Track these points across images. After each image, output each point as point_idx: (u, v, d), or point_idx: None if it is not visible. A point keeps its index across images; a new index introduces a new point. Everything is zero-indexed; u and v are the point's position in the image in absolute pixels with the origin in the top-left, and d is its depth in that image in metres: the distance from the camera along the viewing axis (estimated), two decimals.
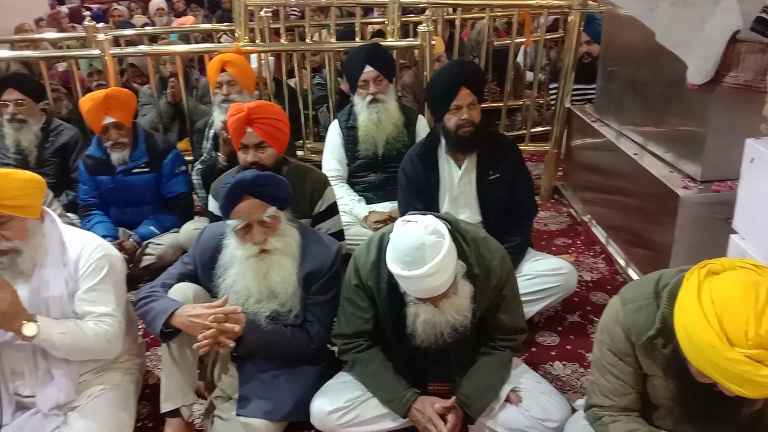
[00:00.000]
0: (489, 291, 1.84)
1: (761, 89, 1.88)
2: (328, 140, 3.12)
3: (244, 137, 2.26)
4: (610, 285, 2.85)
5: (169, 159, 3.10)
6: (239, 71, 3.05)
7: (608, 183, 3.17)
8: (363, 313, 1.91)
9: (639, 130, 2.91)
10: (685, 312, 1.28)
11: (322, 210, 2.45)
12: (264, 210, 1.86)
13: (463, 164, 2.52)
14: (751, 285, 1.21)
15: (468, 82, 2.40)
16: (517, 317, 1.94)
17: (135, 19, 6.94)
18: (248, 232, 1.88)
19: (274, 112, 2.30)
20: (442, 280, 1.64)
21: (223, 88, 3.04)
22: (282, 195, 1.92)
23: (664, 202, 2.51)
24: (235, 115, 2.25)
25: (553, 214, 3.61)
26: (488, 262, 1.84)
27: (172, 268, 2.19)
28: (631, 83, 2.96)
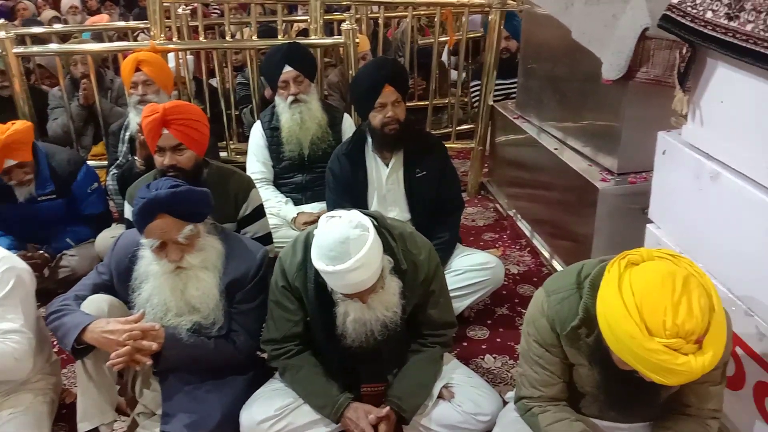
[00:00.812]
0: (417, 286, 1.83)
1: (670, 84, 1.95)
2: (251, 142, 3.03)
3: (160, 139, 2.15)
4: (536, 277, 2.91)
5: (79, 180, 2.84)
6: (155, 70, 2.91)
7: (531, 178, 3.24)
8: (292, 315, 1.86)
9: (559, 125, 2.99)
10: (607, 303, 1.31)
11: (247, 213, 2.38)
12: (180, 229, 1.76)
13: (390, 162, 2.51)
14: (668, 275, 1.25)
15: (392, 79, 2.39)
16: (446, 312, 1.94)
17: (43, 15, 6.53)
18: (163, 249, 1.79)
19: (192, 112, 2.20)
20: (368, 274, 1.62)
21: (139, 88, 2.89)
22: (201, 210, 1.83)
23: (584, 195, 2.58)
24: (149, 116, 2.13)
25: (480, 210, 3.66)
26: (415, 257, 1.83)
27: (86, 278, 2.06)
28: (550, 80, 3.04)
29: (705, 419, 1.50)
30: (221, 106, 3.70)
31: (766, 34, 1.40)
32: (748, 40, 1.46)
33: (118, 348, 1.72)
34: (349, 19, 3.27)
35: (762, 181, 1.57)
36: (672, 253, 1.35)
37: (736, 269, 1.67)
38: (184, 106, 2.21)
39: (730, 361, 1.64)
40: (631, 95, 2.37)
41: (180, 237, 1.76)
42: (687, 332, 1.21)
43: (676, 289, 1.23)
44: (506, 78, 3.90)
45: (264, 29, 4.15)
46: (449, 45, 4.52)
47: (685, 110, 1.86)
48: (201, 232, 1.83)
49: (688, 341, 1.21)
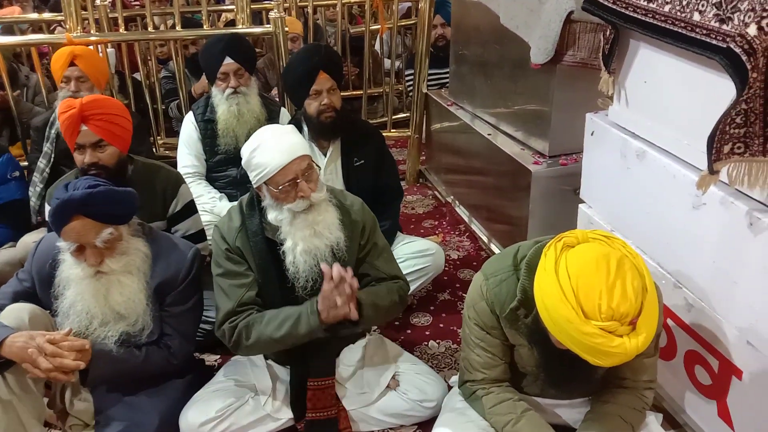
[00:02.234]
0: (355, 235, 1.85)
1: (596, 66, 2.00)
2: (182, 135, 2.91)
3: (78, 136, 2.03)
4: (476, 261, 2.94)
5: (0, 163, 2.75)
6: (90, 66, 2.76)
7: (467, 164, 3.27)
8: (243, 278, 1.81)
9: (491, 111, 3.03)
10: (544, 288, 1.32)
11: (177, 210, 2.29)
12: (98, 232, 1.66)
13: (327, 152, 2.48)
14: (602, 258, 1.27)
15: (326, 66, 2.35)
16: (393, 265, 1.95)
17: None
18: (82, 252, 1.69)
19: (112, 106, 2.09)
20: (299, 139, 1.75)
21: (72, 84, 2.73)
22: (122, 211, 1.73)
23: (517, 179, 2.63)
24: (66, 112, 2.01)
25: (419, 197, 3.67)
26: (349, 207, 1.87)
27: (6, 286, 1.94)
28: (481, 66, 3.06)
29: (641, 390, 1.55)
30: (146, 100, 3.54)
31: (683, 14, 1.44)
32: (666, 20, 1.50)
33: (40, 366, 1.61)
34: (276, 7, 3.18)
35: (684, 157, 1.63)
36: (606, 234, 1.37)
37: (664, 244, 1.73)
38: (103, 100, 2.10)
39: (662, 333, 1.71)
40: (560, 79, 2.42)
41: (97, 241, 1.66)
42: (621, 315, 1.23)
43: (610, 272, 1.25)
44: (442, 67, 3.91)
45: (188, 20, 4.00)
46: (380, 33, 4.49)
47: (611, 91, 1.91)
48: (123, 234, 1.74)
49: (623, 323, 1.23)
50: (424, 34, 3.55)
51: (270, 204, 1.77)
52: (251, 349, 1.81)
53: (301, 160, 1.72)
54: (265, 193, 1.77)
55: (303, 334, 1.74)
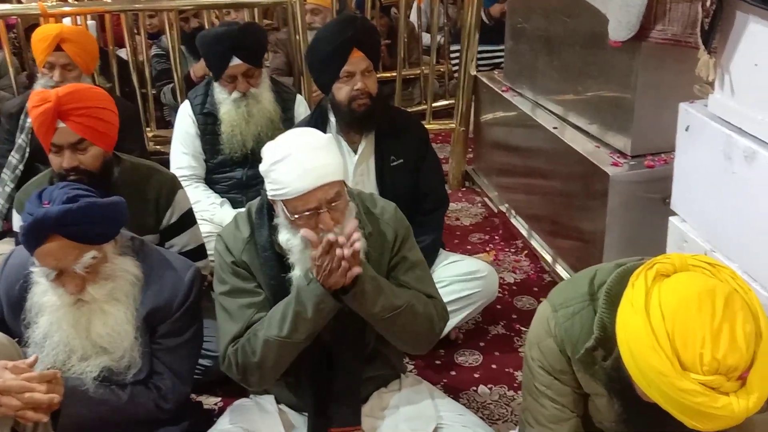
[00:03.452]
0: (385, 254, 1.86)
1: (692, 44, 1.99)
2: (177, 129, 2.98)
3: (55, 135, 2.05)
4: (537, 287, 2.94)
5: None
6: (80, 50, 2.82)
7: (526, 164, 3.27)
8: (252, 296, 1.83)
9: (557, 99, 3.02)
10: (630, 328, 1.30)
11: (172, 222, 2.33)
12: (78, 256, 1.69)
13: (359, 147, 2.51)
14: (706, 294, 1.25)
15: (361, 42, 2.37)
16: (427, 284, 1.93)
17: None
18: (60, 277, 1.73)
19: (95, 98, 2.12)
20: (333, 159, 1.70)
21: (56, 72, 2.80)
22: (107, 228, 1.76)
23: (591, 183, 2.62)
24: (39, 106, 2.03)
25: (465, 206, 3.68)
26: (379, 217, 1.87)
27: None
28: (545, 43, 3.07)
29: None
30: (134, 83, 3.62)
31: None
32: None
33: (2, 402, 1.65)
34: None
35: None
36: (710, 261, 1.35)
37: None
38: (83, 90, 2.12)
39: None
40: (645, 59, 2.40)
41: (77, 267, 1.70)
42: (729, 368, 1.20)
43: (716, 312, 1.23)
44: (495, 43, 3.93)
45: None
46: (419, 1, 4.54)
47: (712, 76, 1.89)
48: (108, 254, 1.77)
49: (730, 378, 1.21)
50: (473, 3, 3.57)
51: (283, 224, 1.78)
52: (264, 368, 1.81)
53: (329, 187, 1.70)
54: (279, 212, 1.78)
55: (312, 315, 1.72)
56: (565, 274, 2.87)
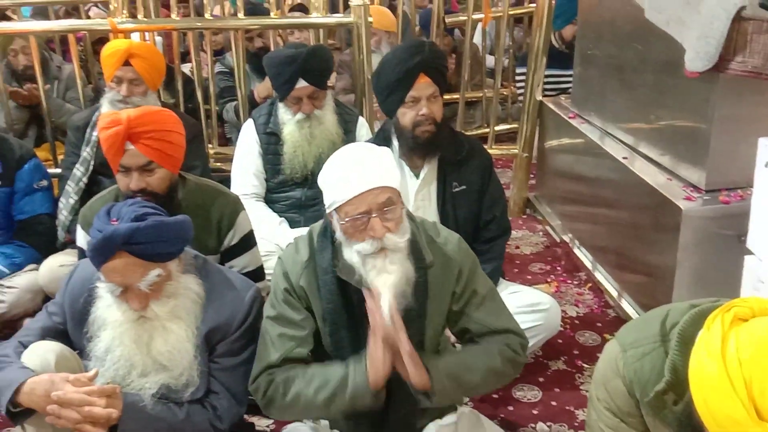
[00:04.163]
0: (449, 285, 1.87)
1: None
2: (240, 147, 3.06)
3: (123, 157, 2.14)
4: (600, 321, 2.90)
5: (27, 169, 2.98)
6: (148, 66, 2.94)
7: (593, 193, 3.24)
8: (296, 330, 1.86)
9: (628, 128, 3.00)
10: (704, 372, 1.29)
11: (233, 244, 2.40)
12: (143, 273, 1.76)
13: (421, 172, 2.54)
14: None
15: (428, 68, 2.41)
16: (502, 316, 1.93)
17: None
18: (124, 294, 1.80)
19: (164, 121, 2.20)
20: (385, 166, 1.77)
21: (123, 87, 2.91)
22: (173, 246, 1.83)
23: (662, 217, 2.58)
24: (109, 128, 2.12)
25: (527, 234, 3.66)
26: (442, 247, 1.89)
27: (34, 320, 2.07)
28: (616, 70, 3.05)
29: None
30: (198, 100, 3.73)
31: None
32: None
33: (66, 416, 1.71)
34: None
35: None
36: None
37: None
38: (153, 113, 2.20)
39: None
40: (724, 91, 2.38)
41: (142, 284, 1.76)
42: None
43: None
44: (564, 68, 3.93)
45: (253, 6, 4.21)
46: (484, 24, 4.56)
47: None
48: (172, 273, 1.84)
49: None
50: (542, 26, 3.58)
51: (342, 239, 1.82)
52: (286, 410, 1.85)
53: (380, 191, 1.75)
54: (336, 224, 1.83)
55: (349, 399, 1.76)
56: (631, 309, 2.83)
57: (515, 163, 3.88)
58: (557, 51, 4.08)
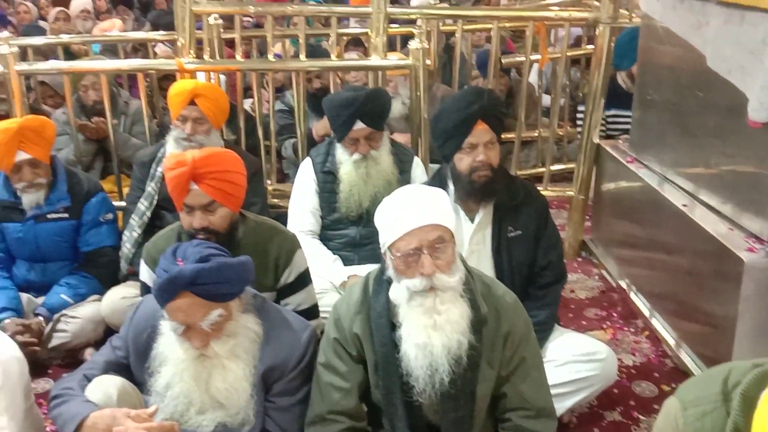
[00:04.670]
0: (498, 340, 1.87)
1: None
2: (298, 185, 3.13)
3: (188, 196, 2.23)
4: (658, 372, 2.84)
5: (94, 203, 3.10)
6: (212, 106, 3.04)
7: (651, 239, 3.20)
8: (343, 380, 1.90)
9: (688, 174, 2.96)
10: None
11: (289, 281, 2.45)
12: (205, 313, 1.82)
13: (476, 217, 2.56)
14: None
15: (486, 115, 2.44)
16: (541, 392, 1.95)
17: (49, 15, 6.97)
18: (186, 332, 1.86)
19: (226, 162, 2.28)
20: (438, 204, 1.84)
21: (188, 125, 3.01)
22: (234, 287, 1.89)
23: (723, 267, 2.54)
24: (175, 169, 2.21)
25: (582, 277, 3.62)
26: (498, 301, 1.90)
27: (99, 354, 2.16)
28: (676, 116, 3.03)
29: None
30: (258, 136, 3.82)
31: None
32: None
33: None
34: (418, 35, 3.36)
35: None
36: None
37: None
38: (216, 155, 2.29)
39: None
40: None
41: (204, 324, 1.82)
42: None
43: None
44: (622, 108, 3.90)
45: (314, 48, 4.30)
46: (540, 65, 4.58)
47: None
48: (233, 312, 1.89)
49: None
50: (600, 67, 3.58)
51: (393, 275, 1.86)
52: None
53: (432, 229, 1.80)
54: (389, 262, 1.86)
55: None
56: (690, 360, 2.77)
57: (571, 204, 3.85)
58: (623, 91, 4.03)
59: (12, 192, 2.99)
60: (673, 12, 2.92)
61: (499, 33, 4.28)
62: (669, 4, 2.95)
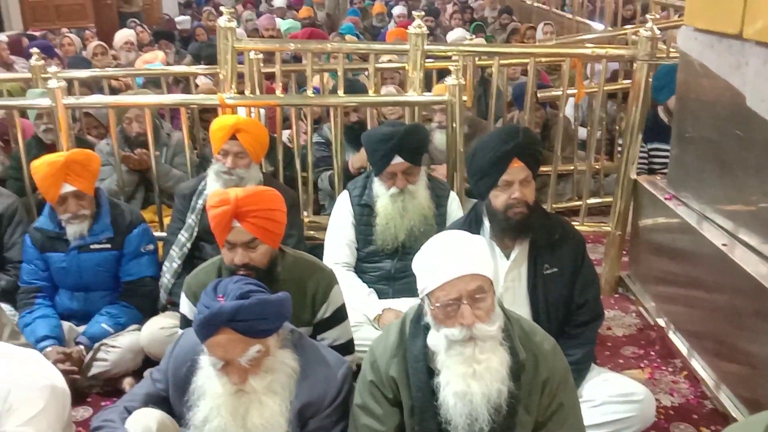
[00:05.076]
0: (537, 387, 1.86)
1: None
2: (335, 218, 3.16)
3: (230, 234, 2.28)
4: (697, 414, 2.79)
5: (135, 234, 3.18)
6: (253, 141, 3.10)
7: (689, 277, 3.16)
8: (379, 423, 1.91)
9: (727, 212, 2.93)
10: None
11: (326, 317, 2.47)
12: (244, 349, 1.86)
13: (512, 253, 2.56)
14: None
15: (522, 153, 2.45)
16: None
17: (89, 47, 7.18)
18: (225, 368, 1.89)
19: (268, 200, 2.33)
20: (477, 253, 1.83)
21: (229, 159, 3.06)
22: (273, 324, 1.92)
23: (763, 308, 2.50)
24: (218, 207, 2.26)
25: (619, 314, 3.58)
26: (537, 347, 1.90)
27: (139, 386, 2.21)
28: (715, 154, 3.00)
29: None
30: (296, 169, 3.87)
31: None
32: None
33: None
34: (455, 72, 3.39)
35: None
36: None
37: None
38: (258, 194, 2.34)
39: None
40: None
41: (243, 360, 1.85)
42: None
43: None
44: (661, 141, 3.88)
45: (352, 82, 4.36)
46: (577, 99, 4.58)
47: None
48: (271, 348, 1.92)
49: None
50: (638, 102, 3.57)
51: (431, 323, 1.86)
52: None
53: (471, 279, 1.80)
54: (427, 309, 1.87)
55: None
56: (729, 403, 2.71)
57: (608, 240, 3.82)
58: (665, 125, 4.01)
59: (57, 223, 3.08)
60: (711, 50, 2.91)
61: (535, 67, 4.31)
62: (707, 43, 2.94)
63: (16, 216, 3.40)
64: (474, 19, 10.23)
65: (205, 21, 10.02)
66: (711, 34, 2.92)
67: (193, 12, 12.30)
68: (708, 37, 2.94)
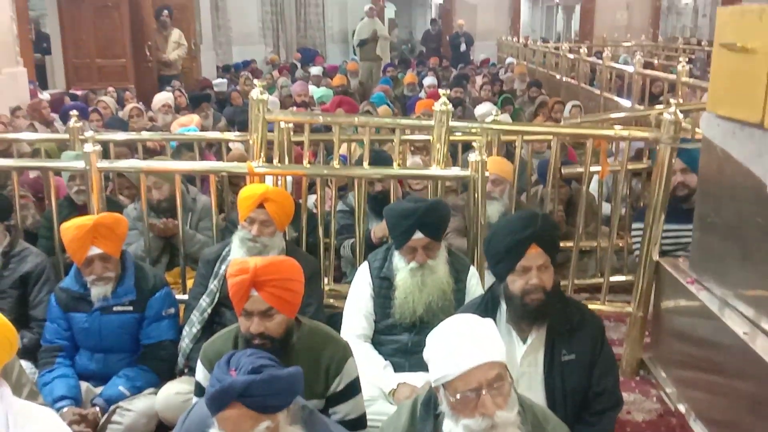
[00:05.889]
0: None
1: None
2: (354, 289, 3.17)
3: (248, 302, 2.31)
4: None
5: (158, 297, 3.21)
6: (279, 210, 3.14)
7: (711, 363, 3.09)
8: None
9: (749, 299, 2.88)
10: None
11: (339, 390, 2.46)
12: (254, 425, 1.85)
13: (528, 338, 2.53)
14: None
15: (540, 238, 2.44)
16: None
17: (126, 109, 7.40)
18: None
19: (286, 270, 2.36)
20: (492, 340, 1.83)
21: (255, 228, 3.11)
22: (283, 400, 1.92)
23: None
24: (237, 276, 2.30)
25: (639, 398, 3.50)
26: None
27: None
28: (737, 240, 2.97)
29: None
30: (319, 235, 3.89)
31: None
32: None
33: None
34: (478, 148, 3.42)
35: None
36: None
37: None
38: (277, 264, 2.37)
39: None
40: None
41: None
42: None
43: None
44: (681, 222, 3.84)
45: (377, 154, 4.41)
46: (601, 177, 4.58)
47: None
48: (280, 424, 1.92)
49: None
50: (660, 184, 3.56)
51: (446, 412, 1.83)
52: None
53: (489, 367, 1.78)
54: (442, 398, 1.84)
55: None
56: None
57: (629, 321, 3.76)
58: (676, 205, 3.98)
59: (82, 284, 3.12)
60: (733, 138, 2.91)
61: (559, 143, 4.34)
62: (729, 130, 2.94)
63: (44, 275, 3.46)
64: (503, 91, 10.31)
65: (241, 86, 10.25)
66: (733, 121, 2.92)
67: (230, 76, 12.60)
68: (730, 124, 2.95)
